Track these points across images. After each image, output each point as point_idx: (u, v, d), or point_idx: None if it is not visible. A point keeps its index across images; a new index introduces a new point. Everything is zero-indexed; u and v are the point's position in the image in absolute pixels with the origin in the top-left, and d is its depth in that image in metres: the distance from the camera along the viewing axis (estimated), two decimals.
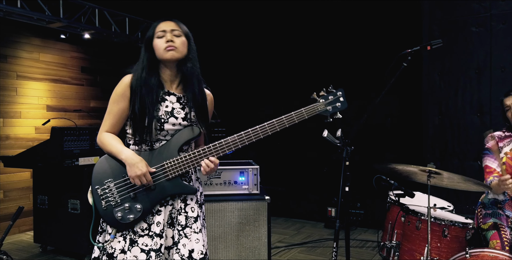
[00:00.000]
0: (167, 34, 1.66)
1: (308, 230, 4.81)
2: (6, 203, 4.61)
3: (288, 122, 1.71)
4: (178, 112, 1.72)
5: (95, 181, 1.64)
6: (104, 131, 1.71)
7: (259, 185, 2.68)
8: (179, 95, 1.75)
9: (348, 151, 2.59)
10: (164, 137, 1.70)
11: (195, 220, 1.73)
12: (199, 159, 1.67)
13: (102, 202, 1.63)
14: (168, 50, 1.64)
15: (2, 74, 4.56)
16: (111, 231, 1.65)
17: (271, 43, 5.42)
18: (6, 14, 4.04)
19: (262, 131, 1.71)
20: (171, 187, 1.66)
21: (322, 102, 1.75)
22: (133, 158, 1.62)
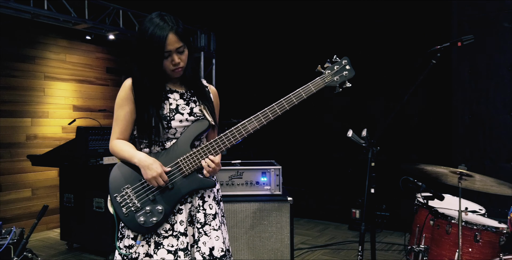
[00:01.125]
0: (173, 55, 1.60)
1: (331, 232, 4.73)
2: (34, 201, 4.72)
3: (297, 98, 1.65)
4: (183, 108, 1.69)
5: (113, 189, 1.63)
6: (115, 138, 1.69)
7: (281, 185, 2.63)
8: (182, 91, 1.73)
9: (373, 152, 2.51)
10: (173, 135, 1.68)
11: (214, 217, 1.71)
12: (213, 150, 1.63)
13: (123, 209, 1.61)
14: (176, 72, 1.65)
15: (30, 75, 4.67)
16: (133, 235, 1.63)
17: (292, 42, 5.36)
18: (34, 16, 4.13)
19: (271, 111, 1.64)
20: (189, 183, 1.63)
21: (328, 73, 1.69)
22: (146, 160, 1.60)
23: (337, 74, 1.69)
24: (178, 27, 1.60)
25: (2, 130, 4.40)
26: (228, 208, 2.55)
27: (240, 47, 5.80)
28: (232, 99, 5.91)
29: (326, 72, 1.69)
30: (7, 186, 4.45)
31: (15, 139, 4.53)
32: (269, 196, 2.60)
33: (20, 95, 4.57)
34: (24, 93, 4.61)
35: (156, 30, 1.56)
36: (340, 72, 1.69)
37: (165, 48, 1.56)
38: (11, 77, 4.48)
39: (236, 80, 5.86)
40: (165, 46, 1.56)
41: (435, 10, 4.36)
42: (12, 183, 4.49)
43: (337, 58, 1.71)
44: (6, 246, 1.98)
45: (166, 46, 1.56)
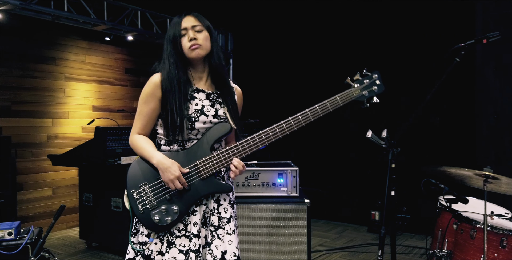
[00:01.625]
0: (189, 31, 1.64)
1: (350, 234, 4.65)
2: (55, 200, 4.80)
3: (322, 111, 1.62)
4: (208, 110, 1.67)
5: (130, 184, 1.62)
6: (136, 133, 1.69)
7: (299, 187, 2.58)
8: (208, 91, 1.72)
9: (394, 153, 2.44)
10: (195, 136, 1.66)
11: (228, 221, 1.69)
12: (233, 156, 1.62)
13: (139, 205, 1.61)
14: (193, 49, 1.63)
15: (51, 76, 4.75)
16: (146, 232, 1.63)
17: (310, 41, 5.29)
18: (55, 18, 4.20)
19: (295, 121, 1.63)
20: (206, 186, 1.62)
21: (357, 87, 1.65)
22: (164, 162, 1.58)
23: (366, 89, 1.65)
24: (198, 14, 1.70)
25: (23, 129, 4.49)
26: (243, 209, 2.52)
27: (258, 47, 5.77)
28: (249, 99, 5.87)
29: (355, 85, 1.65)
30: (28, 185, 4.54)
31: (36, 138, 4.62)
32: (286, 198, 2.55)
33: (41, 96, 4.65)
34: (45, 94, 4.69)
35: (175, 21, 1.70)
36: (370, 87, 1.65)
37: (181, 26, 1.64)
38: (32, 78, 4.57)
39: (254, 80, 5.83)
40: (181, 24, 1.65)
41: (459, 8, 4.23)
42: (33, 182, 4.58)
43: (367, 72, 1.67)
44: (24, 246, 2.00)
45: (182, 24, 1.65)
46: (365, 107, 1.66)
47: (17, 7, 3.82)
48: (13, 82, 4.40)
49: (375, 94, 1.65)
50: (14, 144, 4.31)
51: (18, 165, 4.40)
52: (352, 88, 1.65)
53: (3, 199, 3.67)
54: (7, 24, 4.26)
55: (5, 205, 3.69)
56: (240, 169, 1.61)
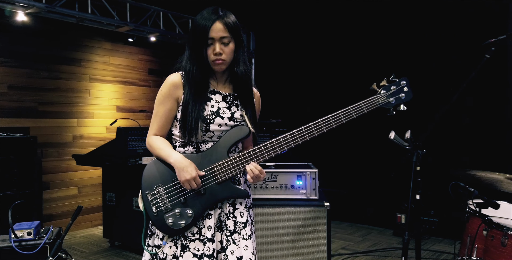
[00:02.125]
0: (215, 43, 1.56)
1: (374, 237, 4.51)
2: (80, 198, 4.89)
3: (346, 117, 1.56)
4: (224, 112, 1.63)
5: (145, 186, 1.60)
6: (152, 134, 1.67)
7: (318, 189, 2.50)
8: (225, 93, 1.67)
9: (419, 155, 2.33)
10: (210, 138, 1.62)
11: (244, 226, 1.64)
12: (250, 160, 1.57)
13: (153, 207, 1.58)
14: (217, 63, 1.59)
15: (76, 77, 4.85)
16: (162, 235, 1.61)
17: (334, 41, 5.18)
18: (79, 20, 4.27)
19: (316, 128, 1.57)
20: (222, 190, 1.58)
21: (384, 93, 1.58)
22: (182, 161, 1.55)
23: (393, 96, 1.58)
24: (228, 18, 1.59)
25: (50, 130, 4.60)
26: (261, 212, 2.47)
27: (280, 46, 5.70)
28: (271, 99, 5.81)
29: (381, 92, 1.59)
30: (55, 184, 4.64)
31: (62, 138, 4.72)
32: (305, 201, 2.48)
33: (67, 97, 4.75)
34: (70, 95, 4.79)
35: (204, 19, 1.56)
36: (397, 94, 1.58)
37: (209, 35, 1.54)
38: (58, 80, 4.67)
39: (276, 80, 5.76)
40: (209, 32, 1.54)
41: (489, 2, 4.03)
42: (60, 181, 4.68)
43: (395, 78, 1.60)
44: (43, 246, 2.02)
45: (210, 32, 1.54)
46: (391, 115, 1.60)
47: (43, 10, 3.90)
48: (40, 84, 4.51)
49: (403, 102, 1.58)
50: (41, 143, 4.42)
51: (45, 164, 4.51)
52: (378, 95, 1.58)
53: (30, 197, 3.76)
54: (33, 27, 4.37)
55: (31, 203, 3.78)
56: (256, 173, 1.55)
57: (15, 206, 2.17)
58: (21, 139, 3.76)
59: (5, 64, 4.23)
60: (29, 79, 4.42)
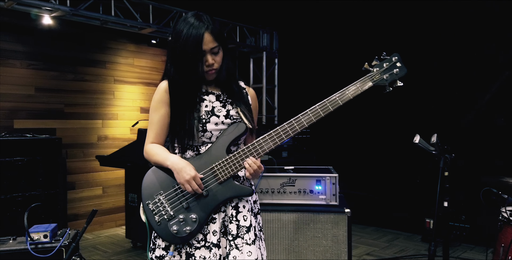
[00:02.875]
0: (207, 55, 1.54)
1: (402, 243, 4.34)
2: (105, 198, 4.96)
3: (342, 99, 1.53)
4: (219, 111, 1.60)
5: (145, 196, 1.56)
6: (150, 142, 1.63)
7: (338, 195, 2.40)
8: (218, 93, 1.65)
9: (447, 160, 2.20)
10: (209, 139, 1.59)
11: (247, 230, 1.57)
12: (250, 155, 1.53)
13: (155, 217, 1.53)
14: (210, 74, 1.59)
15: (101, 79, 4.92)
16: (164, 245, 1.56)
17: (358, 40, 5.02)
18: (103, 22, 4.32)
19: (313, 113, 1.52)
20: (224, 190, 1.53)
21: (377, 71, 1.55)
22: (179, 162, 1.51)
23: (387, 72, 1.55)
24: (214, 26, 1.54)
25: (75, 131, 4.68)
26: (278, 217, 2.39)
27: (304, 46, 5.59)
28: (295, 99, 5.73)
29: (374, 70, 1.56)
30: (80, 184, 4.73)
31: (88, 139, 4.80)
32: (324, 207, 2.38)
33: (92, 99, 4.82)
34: (95, 97, 4.86)
35: (192, 29, 1.50)
36: (390, 70, 1.55)
37: (201, 47, 1.50)
38: (83, 81, 4.75)
39: (300, 79, 5.67)
40: (201, 45, 1.50)
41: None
42: (85, 181, 4.76)
43: (386, 56, 1.57)
44: (58, 249, 2.02)
45: (202, 45, 1.50)
46: (388, 91, 1.56)
47: (68, 13, 3.97)
48: (66, 86, 4.60)
49: (397, 77, 1.54)
50: (67, 144, 4.51)
51: (71, 164, 4.60)
52: (371, 73, 1.55)
53: (54, 197, 3.83)
54: (59, 30, 4.46)
55: (56, 203, 3.85)
56: (255, 168, 1.52)
57: (34, 207, 2.18)
58: (46, 140, 3.83)
59: (32, 67, 4.34)
60: (55, 81, 4.51)
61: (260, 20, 5.70)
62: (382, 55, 1.57)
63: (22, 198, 3.63)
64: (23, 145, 3.65)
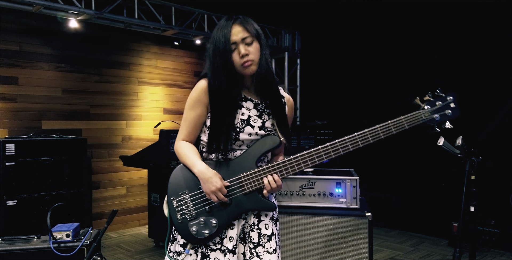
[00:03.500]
0: (239, 46, 1.50)
1: (427, 247, 4.22)
2: (129, 198, 5.05)
3: (384, 133, 1.47)
4: (255, 121, 1.56)
5: (171, 191, 1.57)
6: (181, 139, 1.63)
7: (359, 198, 2.34)
8: (257, 101, 1.60)
9: (473, 163, 2.11)
10: (239, 147, 1.56)
11: (269, 239, 1.56)
12: (279, 172, 1.51)
13: (178, 214, 1.55)
14: (246, 66, 1.51)
15: (125, 80, 5.01)
16: (182, 242, 1.57)
17: (381, 40, 4.92)
18: (127, 25, 4.40)
19: (352, 142, 1.48)
20: (248, 202, 1.52)
21: (427, 109, 1.48)
22: (206, 173, 1.50)
23: (438, 112, 1.47)
24: (245, 19, 1.54)
25: (100, 131, 4.78)
26: (297, 220, 2.36)
27: (326, 46, 5.52)
28: (317, 100, 5.67)
29: (426, 107, 1.48)
30: (105, 183, 4.82)
31: (112, 140, 4.89)
32: (344, 210, 2.33)
33: (116, 100, 4.92)
34: (120, 98, 4.95)
35: (222, 27, 1.52)
36: (442, 110, 1.47)
37: (231, 39, 1.49)
38: (108, 83, 4.85)
39: (322, 80, 5.60)
40: (230, 37, 1.49)
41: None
42: (109, 181, 4.86)
43: (441, 92, 1.48)
44: (80, 248, 2.06)
45: (231, 36, 1.49)
46: (435, 132, 1.48)
47: (93, 16, 4.06)
48: (91, 87, 4.70)
49: (448, 119, 1.47)
50: (92, 145, 4.62)
51: (96, 164, 4.70)
52: (422, 110, 1.47)
53: (80, 196, 3.92)
54: (84, 33, 4.57)
55: (81, 202, 3.95)
56: (274, 187, 1.50)
57: (59, 206, 2.23)
58: (72, 140, 3.93)
59: (59, 69, 4.46)
60: (81, 83, 4.62)
61: (282, 20, 5.67)
62: (436, 91, 1.49)
63: (49, 197, 3.74)
64: (50, 145, 3.76)
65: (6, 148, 3.48)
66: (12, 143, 3.51)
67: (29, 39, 4.24)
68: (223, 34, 1.50)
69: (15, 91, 4.16)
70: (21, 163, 3.57)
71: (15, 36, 4.15)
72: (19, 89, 4.18)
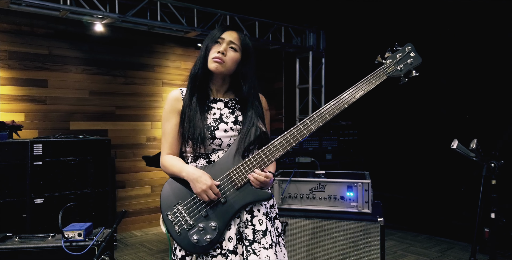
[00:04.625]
0: (223, 44, 1.56)
1: (456, 253, 4.03)
2: (153, 197, 5.15)
3: (355, 92, 1.49)
4: (227, 117, 1.60)
5: (164, 207, 1.57)
6: (166, 154, 1.64)
7: (371, 202, 2.26)
8: (226, 99, 1.65)
9: (493, 167, 1.99)
10: (219, 146, 1.57)
11: (264, 234, 1.53)
12: (266, 159, 1.50)
13: (175, 227, 1.54)
14: (214, 61, 1.56)
15: (150, 82, 5.11)
16: (180, 255, 1.56)
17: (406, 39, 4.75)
18: (150, 27, 4.48)
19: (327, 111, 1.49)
20: (242, 196, 1.51)
21: (390, 62, 1.52)
22: (194, 172, 1.51)
23: (401, 63, 1.52)
24: (244, 34, 1.62)
25: (126, 132, 4.90)
26: (307, 224, 2.31)
27: (352, 45, 5.39)
28: None
29: (387, 61, 1.53)
30: (130, 182, 4.94)
31: (137, 140, 5.01)
32: (356, 214, 2.26)
33: (141, 101, 5.02)
34: (145, 99, 5.06)
35: (220, 26, 1.64)
36: (404, 60, 1.51)
37: (221, 34, 1.57)
38: (133, 85, 4.96)
39: (347, 80, 5.45)
40: (223, 33, 1.57)
41: None
42: (134, 180, 4.97)
43: (398, 46, 1.54)
44: (91, 247, 2.11)
45: (224, 33, 1.57)
46: (404, 82, 1.52)
47: (117, 20, 4.16)
48: (117, 89, 4.83)
49: (412, 67, 1.50)
50: (118, 145, 4.74)
51: (121, 164, 4.82)
52: (384, 65, 1.52)
53: (104, 195, 4.03)
54: (109, 36, 4.70)
55: (106, 201, 4.06)
56: (262, 180, 1.48)
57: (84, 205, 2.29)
58: (96, 141, 4.05)
59: (87, 72, 4.61)
60: (107, 85, 4.75)
61: (306, 19, 5.59)
62: (395, 46, 1.54)
63: (75, 196, 3.87)
64: (75, 146, 3.89)
65: (34, 148, 3.63)
66: (39, 143, 3.66)
67: (58, 43, 4.40)
68: (217, 31, 1.60)
69: (45, 93, 4.34)
70: (48, 162, 3.71)
71: (45, 40, 4.33)
72: (48, 91, 4.36)
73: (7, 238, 2.25)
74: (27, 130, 4.16)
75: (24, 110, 4.20)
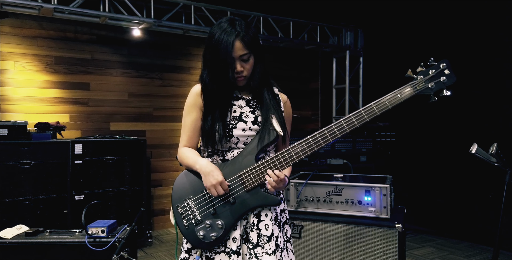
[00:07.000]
0: (236, 62, 1.52)
1: None
2: None
3: (379, 109, 1.42)
4: (247, 116, 1.58)
5: (175, 199, 1.61)
6: (183, 146, 1.67)
7: (390, 207, 2.17)
8: (248, 97, 1.62)
9: None
10: (235, 145, 1.57)
11: (268, 240, 1.52)
12: (279, 164, 1.49)
13: (183, 220, 1.57)
14: (239, 80, 1.57)
15: (186, 84, 5.25)
16: (186, 248, 1.60)
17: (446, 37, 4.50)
18: (185, 31, 4.60)
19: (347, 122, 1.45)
20: (251, 198, 1.51)
21: (421, 79, 1.42)
22: (207, 166, 1.52)
23: (432, 81, 1.41)
24: (247, 34, 1.52)
25: (163, 132, 5.07)
26: (322, 228, 2.26)
27: (391, 43, 5.21)
28: None
29: (418, 77, 1.42)
30: (167, 181, 5.10)
31: (173, 140, 5.15)
32: (373, 220, 2.18)
33: (177, 102, 5.17)
34: (181, 101, 5.19)
35: (223, 35, 1.50)
36: (437, 78, 1.40)
37: (231, 54, 1.50)
38: (169, 87, 5.12)
39: (386, 79, 5.29)
40: (232, 53, 1.50)
41: None
42: (170, 179, 5.13)
43: (433, 61, 1.42)
44: (113, 244, 2.21)
45: (232, 52, 1.50)
46: (433, 101, 1.43)
47: (153, 25, 4.31)
48: (155, 91, 5.01)
49: (445, 86, 1.40)
50: (155, 145, 4.92)
51: (158, 163, 4.99)
52: (414, 81, 1.42)
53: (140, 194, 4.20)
54: (146, 40, 4.88)
55: (141, 199, 4.22)
56: (276, 180, 1.47)
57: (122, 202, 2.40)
58: (133, 141, 4.22)
59: (126, 75, 4.82)
60: (145, 87, 4.94)
61: (343, 18, 5.47)
62: (429, 61, 1.42)
63: (112, 193, 4.06)
64: (113, 146, 4.08)
65: (75, 147, 3.86)
66: (80, 143, 3.88)
67: (99, 48, 4.64)
68: (224, 46, 1.49)
69: (87, 95, 4.59)
70: (87, 161, 3.93)
71: (88, 45, 4.58)
72: (90, 94, 4.61)
73: (38, 233, 2.41)
74: (71, 130, 4.42)
75: (68, 112, 4.47)
